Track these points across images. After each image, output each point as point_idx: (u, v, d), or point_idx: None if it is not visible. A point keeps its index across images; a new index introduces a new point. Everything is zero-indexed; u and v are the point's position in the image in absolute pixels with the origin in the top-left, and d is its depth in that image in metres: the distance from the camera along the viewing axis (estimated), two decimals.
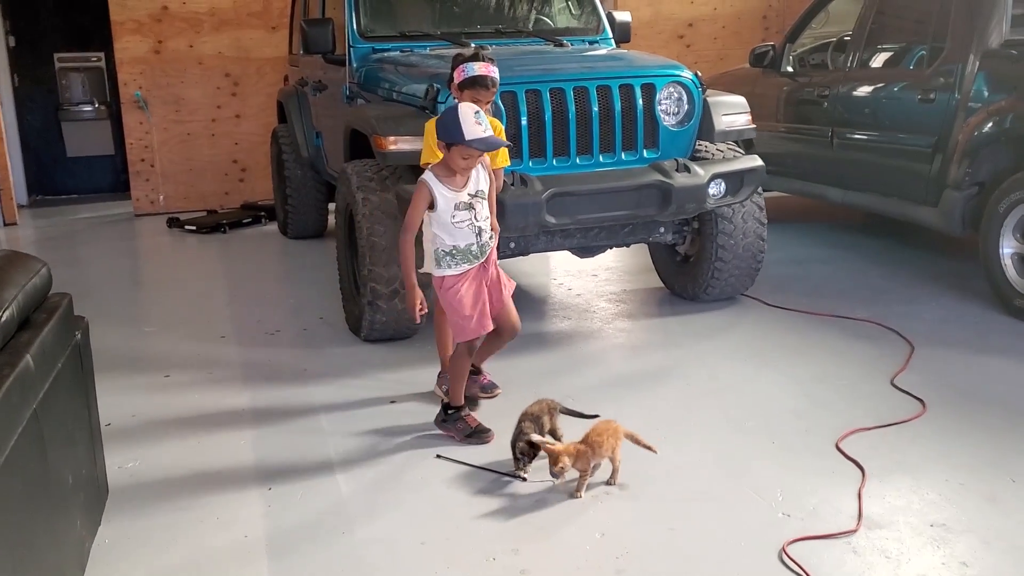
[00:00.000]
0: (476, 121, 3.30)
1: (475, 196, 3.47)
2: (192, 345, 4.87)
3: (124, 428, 3.79)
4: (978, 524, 2.88)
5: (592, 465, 3.16)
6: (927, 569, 2.66)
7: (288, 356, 4.65)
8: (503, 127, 3.97)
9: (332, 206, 7.23)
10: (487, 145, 3.38)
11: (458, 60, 3.77)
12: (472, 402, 3.82)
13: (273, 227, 8.01)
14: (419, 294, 3.49)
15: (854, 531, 2.87)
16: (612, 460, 3.21)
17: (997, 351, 4.37)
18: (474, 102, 3.63)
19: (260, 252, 7.27)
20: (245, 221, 8.17)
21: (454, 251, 3.48)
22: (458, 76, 3.72)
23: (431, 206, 3.43)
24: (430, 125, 3.79)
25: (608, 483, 3.20)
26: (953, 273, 5.68)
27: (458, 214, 3.44)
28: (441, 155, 3.52)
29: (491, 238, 3.57)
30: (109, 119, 10.06)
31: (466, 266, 3.51)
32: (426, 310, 3.52)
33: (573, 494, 3.12)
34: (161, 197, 8.84)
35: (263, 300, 5.78)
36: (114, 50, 8.59)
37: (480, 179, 3.51)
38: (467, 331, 3.54)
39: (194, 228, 7.92)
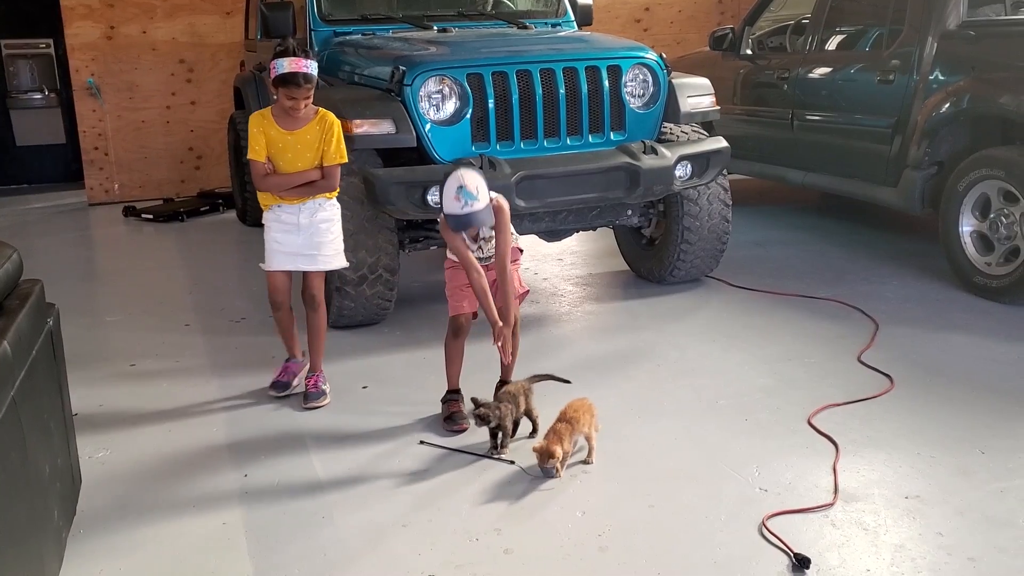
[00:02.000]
0: (455, 196, 3.21)
1: (484, 237, 3.47)
2: (156, 334, 4.79)
3: (92, 418, 3.72)
4: (951, 495, 2.94)
5: (573, 442, 3.16)
6: (904, 540, 2.71)
7: (255, 343, 4.59)
8: (338, 125, 3.75)
9: None
10: (456, 224, 3.28)
11: (273, 54, 3.58)
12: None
13: (231, 215, 7.90)
14: (499, 324, 3.43)
15: (831, 504, 2.92)
16: (587, 439, 3.22)
17: (959, 327, 4.46)
18: (289, 99, 3.56)
19: (219, 240, 7.16)
20: (203, 209, 8.05)
21: None
22: (271, 73, 3.55)
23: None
24: (252, 119, 3.68)
25: (585, 462, 3.22)
26: (912, 252, 5.78)
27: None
28: (263, 152, 3.64)
29: (489, 258, 3.51)
30: (60, 107, 9.83)
31: None
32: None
33: (557, 472, 3.12)
34: (116, 186, 8.67)
35: (226, 288, 5.70)
36: (64, 36, 8.39)
37: (488, 221, 3.37)
38: (450, 306, 3.60)
39: (151, 217, 7.79)
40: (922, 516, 2.83)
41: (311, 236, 3.79)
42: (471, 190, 3.21)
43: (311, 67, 3.57)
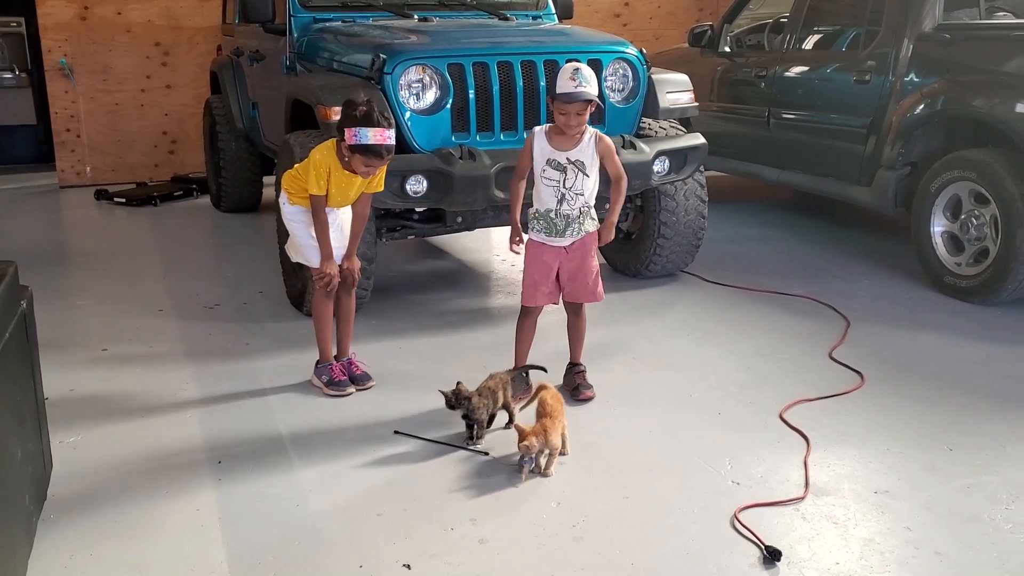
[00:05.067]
0: (571, 77, 3.40)
1: (573, 163, 3.51)
2: (129, 319, 4.75)
3: (63, 403, 3.68)
4: (919, 491, 2.99)
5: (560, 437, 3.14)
6: (873, 534, 2.75)
7: (229, 330, 4.57)
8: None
9: (267, 179, 7.14)
10: (567, 98, 3.40)
11: (349, 110, 3.46)
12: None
13: (205, 200, 7.84)
14: (519, 231, 3.66)
15: (802, 498, 2.95)
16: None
17: (929, 326, 4.52)
18: (366, 167, 3.53)
19: (193, 225, 7.11)
20: (176, 194, 7.98)
21: (537, 214, 3.61)
22: (349, 138, 3.44)
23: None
24: (322, 154, 3.57)
25: (561, 453, 3.22)
26: (884, 251, 5.85)
27: (548, 169, 3.54)
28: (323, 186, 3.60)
29: (579, 217, 3.57)
30: (31, 87, 9.68)
31: (544, 235, 3.60)
32: (523, 245, 3.69)
33: (543, 473, 3.10)
34: (88, 168, 8.57)
35: (200, 274, 5.66)
36: (37, 15, 8.27)
37: (586, 152, 3.52)
38: (522, 293, 3.75)
39: (124, 200, 7.71)
40: (891, 511, 2.87)
41: (344, 232, 3.81)
42: (586, 76, 3.40)
43: (393, 136, 3.50)
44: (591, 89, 3.40)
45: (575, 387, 3.75)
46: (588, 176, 3.54)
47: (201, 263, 6.02)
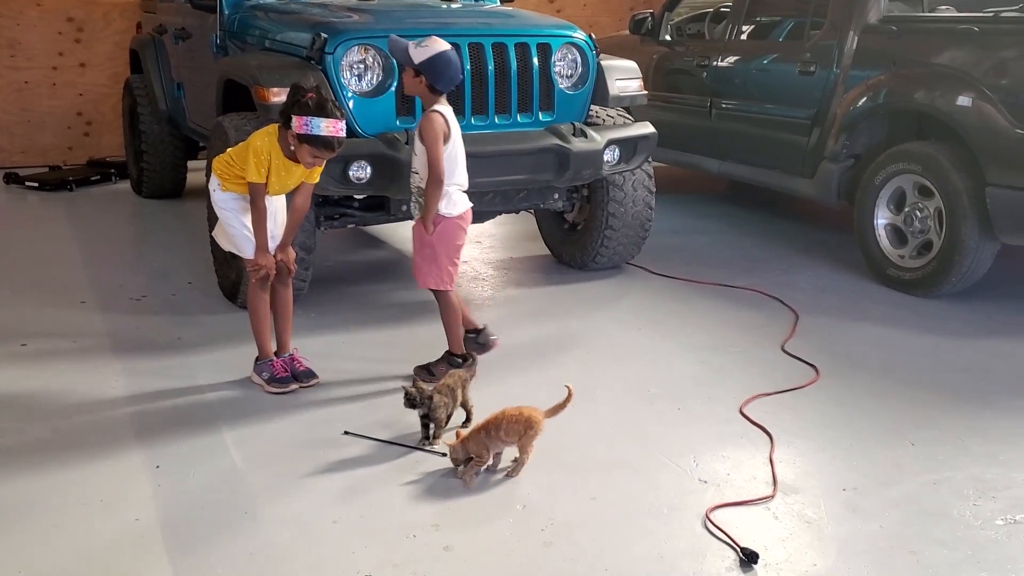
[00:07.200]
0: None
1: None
2: (49, 311, 4.46)
3: None
4: (887, 488, 2.95)
5: (492, 452, 2.96)
6: (846, 533, 2.70)
7: (159, 324, 4.32)
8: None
9: (192, 164, 6.84)
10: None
11: (297, 94, 3.32)
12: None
13: (124, 185, 7.46)
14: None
15: (771, 497, 2.89)
16: (521, 450, 2.99)
17: (876, 319, 4.52)
18: (314, 157, 3.39)
19: (113, 212, 6.76)
20: (93, 178, 7.58)
21: None
22: (299, 127, 3.28)
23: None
24: (261, 140, 3.41)
25: (508, 475, 2.97)
26: (824, 243, 5.86)
27: None
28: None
29: (416, 194, 3.66)
30: None
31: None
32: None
33: (462, 477, 2.93)
34: None
35: (123, 264, 5.37)
36: None
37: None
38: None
39: (36, 185, 7.29)
40: (861, 508, 2.83)
41: (278, 221, 3.62)
42: (423, 41, 3.54)
43: (344, 128, 3.38)
44: (412, 53, 3.48)
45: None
46: (416, 154, 3.59)
47: (124, 252, 5.72)
